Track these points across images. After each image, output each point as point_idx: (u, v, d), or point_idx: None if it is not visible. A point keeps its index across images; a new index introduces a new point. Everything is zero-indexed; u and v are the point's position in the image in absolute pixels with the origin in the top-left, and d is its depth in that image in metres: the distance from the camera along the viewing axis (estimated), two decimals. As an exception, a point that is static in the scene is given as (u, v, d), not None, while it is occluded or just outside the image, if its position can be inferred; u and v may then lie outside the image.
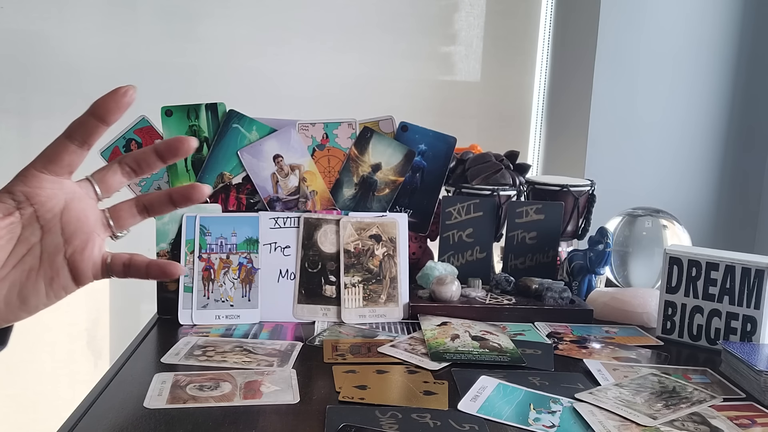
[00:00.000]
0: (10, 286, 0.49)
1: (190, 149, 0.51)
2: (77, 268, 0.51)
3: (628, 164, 1.71)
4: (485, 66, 1.98)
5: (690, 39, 1.69)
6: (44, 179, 0.50)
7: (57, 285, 0.51)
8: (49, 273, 0.50)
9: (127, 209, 0.54)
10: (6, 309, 0.50)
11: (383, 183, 1.13)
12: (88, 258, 0.51)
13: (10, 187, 0.50)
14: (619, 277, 1.25)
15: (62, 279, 0.51)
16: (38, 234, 0.50)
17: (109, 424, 0.66)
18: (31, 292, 0.50)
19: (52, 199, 0.50)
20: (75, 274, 0.51)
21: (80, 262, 0.51)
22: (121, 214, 0.54)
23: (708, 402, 0.77)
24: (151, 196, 0.54)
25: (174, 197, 0.53)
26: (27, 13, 1.80)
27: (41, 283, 0.50)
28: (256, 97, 1.87)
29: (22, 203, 0.49)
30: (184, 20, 1.85)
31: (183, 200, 0.53)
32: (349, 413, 0.70)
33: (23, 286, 0.50)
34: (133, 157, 0.53)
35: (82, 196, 0.52)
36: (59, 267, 0.50)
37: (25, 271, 0.50)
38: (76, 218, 0.51)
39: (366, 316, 1.01)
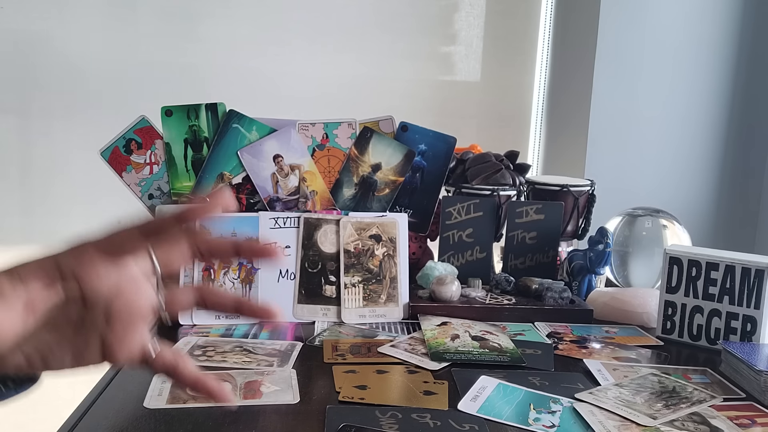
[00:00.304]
0: (36, 346, 0.46)
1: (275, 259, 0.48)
2: (111, 352, 0.46)
3: (628, 164, 1.71)
4: (485, 66, 1.98)
5: (690, 39, 1.69)
6: (100, 262, 0.44)
7: (83, 359, 0.47)
8: (80, 347, 0.46)
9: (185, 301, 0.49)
10: (26, 365, 0.46)
11: (383, 183, 1.13)
12: (126, 345, 0.46)
13: (60, 259, 0.45)
14: (619, 277, 1.25)
15: (91, 356, 0.47)
16: (80, 308, 0.45)
17: (109, 424, 0.66)
18: (56, 358, 0.46)
19: (102, 282, 0.45)
20: (107, 355, 0.47)
21: (116, 349, 0.46)
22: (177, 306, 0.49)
23: (708, 402, 0.77)
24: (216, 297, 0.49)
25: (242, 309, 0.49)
26: (27, 13, 1.80)
27: (68, 354, 0.46)
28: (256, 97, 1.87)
29: (68, 279, 0.44)
30: (184, 20, 1.85)
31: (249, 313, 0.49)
32: (349, 413, 0.70)
33: (49, 351, 0.46)
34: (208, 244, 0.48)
35: (138, 278, 0.46)
36: (91, 344, 0.46)
37: (55, 337, 0.46)
38: (124, 304, 0.46)
39: (366, 316, 1.01)
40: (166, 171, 1.08)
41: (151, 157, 1.08)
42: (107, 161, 1.07)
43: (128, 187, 1.08)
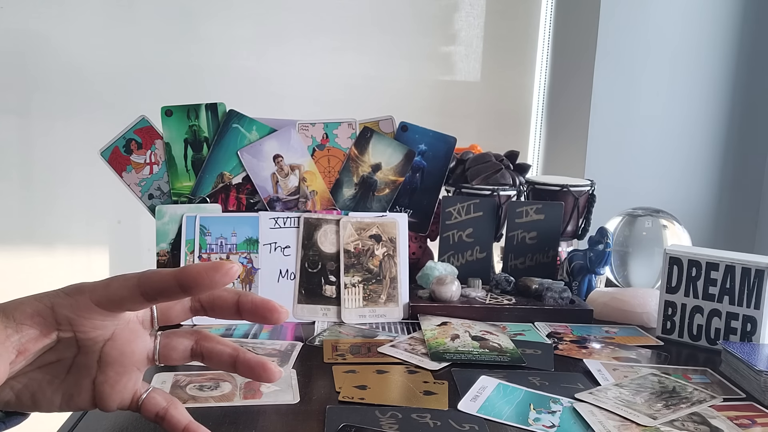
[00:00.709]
0: (26, 383, 0.45)
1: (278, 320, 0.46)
2: (103, 397, 0.46)
3: (628, 164, 1.71)
4: (485, 66, 1.98)
5: (690, 40, 1.69)
6: (96, 312, 0.43)
7: (73, 403, 0.46)
8: (70, 390, 0.46)
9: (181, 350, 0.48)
10: (15, 402, 0.46)
11: (383, 183, 1.13)
12: (118, 392, 0.46)
13: (56, 304, 0.43)
14: (619, 277, 1.25)
15: (82, 400, 0.46)
16: (74, 351, 0.45)
17: (109, 424, 0.66)
18: (45, 398, 0.46)
19: (98, 330, 0.44)
20: (99, 400, 0.47)
21: (108, 393, 0.46)
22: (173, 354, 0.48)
23: (708, 402, 0.77)
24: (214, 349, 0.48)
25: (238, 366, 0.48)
26: (27, 13, 1.80)
27: (59, 395, 0.46)
28: (256, 97, 1.87)
29: (63, 325, 0.44)
30: (184, 20, 1.86)
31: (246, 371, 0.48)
32: (349, 413, 0.70)
33: (39, 390, 0.45)
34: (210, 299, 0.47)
35: (135, 326, 0.46)
36: (83, 388, 0.46)
37: (46, 377, 0.45)
38: (119, 351, 0.45)
39: (366, 316, 1.01)
40: (166, 171, 1.08)
41: (151, 157, 1.08)
42: (107, 161, 1.07)
43: (128, 187, 1.08)
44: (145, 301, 0.42)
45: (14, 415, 0.49)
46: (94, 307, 0.43)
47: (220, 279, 0.41)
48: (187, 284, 0.41)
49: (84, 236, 1.91)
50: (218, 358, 0.47)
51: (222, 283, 0.41)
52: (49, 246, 1.87)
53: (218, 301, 0.47)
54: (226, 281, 0.41)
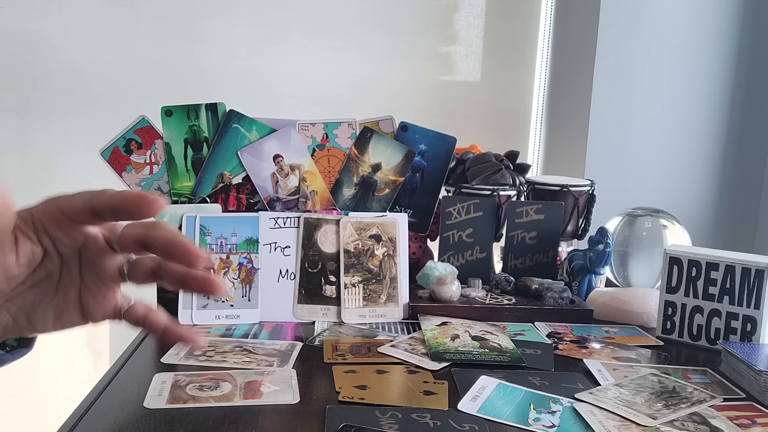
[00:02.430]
0: (21, 304, 0.49)
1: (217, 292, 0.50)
2: (87, 307, 0.51)
3: (628, 164, 1.71)
4: (485, 66, 1.98)
5: (690, 40, 1.69)
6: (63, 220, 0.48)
7: (65, 318, 0.51)
8: (61, 305, 0.50)
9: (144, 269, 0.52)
10: (13, 325, 0.50)
11: (383, 183, 1.13)
12: (99, 301, 0.51)
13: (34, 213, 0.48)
14: (619, 277, 1.25)
15: (71, 314, 0.51)
16: (57, 263, 0.50)
17: (109, 424, 0.66)
18: (40, 317, 0.50)
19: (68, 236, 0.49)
20: (84, 312, 0.51)
21: (91, 303, 0.51)
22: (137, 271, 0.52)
23: (708, 402, 0.77)
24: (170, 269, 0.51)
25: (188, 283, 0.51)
26: (27, 13, 1.80)
27: (50, 312, 0.50)
28: (256, 97, 1.87)
29: (40, 231, 0.48)
30: (184, 20, 1.85)
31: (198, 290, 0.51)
32: (349, 413, 0.70)
33: (33, 309, 0.50)
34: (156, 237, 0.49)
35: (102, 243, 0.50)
36: (70, 302, 0.50)
37: (39, 295, 0.50)
38: (92, 262, 0.50)
39: (366, 316, 1.01)
40: (166, 171, 1.08)
41: (151, 157, 1.08)
42: (107, 161, 1.07)
43: (128, 187, 1.08)
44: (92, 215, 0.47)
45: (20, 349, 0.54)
46: (62, 215, 0.47)
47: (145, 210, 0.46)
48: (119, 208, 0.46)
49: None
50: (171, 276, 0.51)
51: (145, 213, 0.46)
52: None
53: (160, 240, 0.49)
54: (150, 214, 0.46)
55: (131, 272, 0.52)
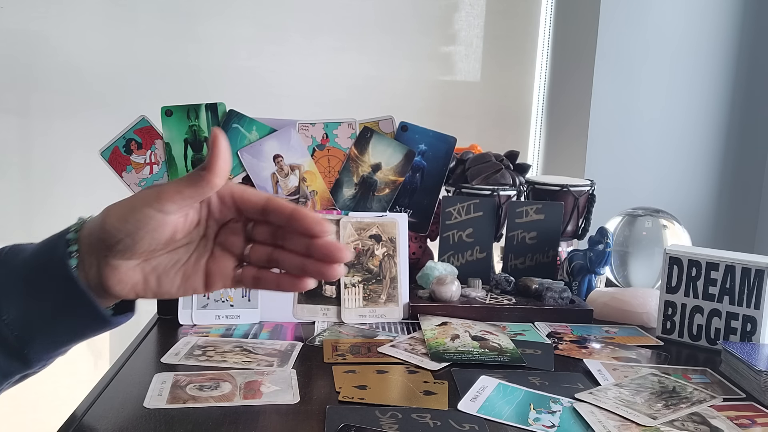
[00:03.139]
0: (156, 265, 0.54)
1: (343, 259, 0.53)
2: (211, 275, 0.56)
3: (628, 164, 1.71)
4: (485, 66, 1.98)
5: (690, 39, 1.69)
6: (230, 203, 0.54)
7: (189, 284, 0.55)
8: (189, 271, 0.55)
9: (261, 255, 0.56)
10: (142, 284, 0.54)
11: (383, 183, 1.13)
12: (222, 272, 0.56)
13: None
14: (619, 277, 1.25)
15: (196, 280, 0.56)
16: (201, 234, 0.55)
17: (109, 424, 0.66)
18: (169, 279, 0.55)
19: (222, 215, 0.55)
20: (208, 279, 0.56)
21: (215, 272, 0.56)
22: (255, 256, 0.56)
23: (708, 402, 0.77)
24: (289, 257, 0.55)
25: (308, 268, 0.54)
26: (27, 13, 1.80)
27: (179, 276, 0.55)
28: (256, 97, 1.87)
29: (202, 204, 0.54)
30: (184, 20, 1.85)
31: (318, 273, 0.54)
32: (349, 413, 0.70)
33: (165, 272, 0.54)
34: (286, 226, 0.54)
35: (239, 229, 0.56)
36: (198, 269, 0.55)
37: (173, 259, 0.55)
38: (226, 236, 0.55)
39: (366, 316, 1.01)
40: (166, 171, 1.08)
41: (151, 157, 1.08)
42: (107, 161, 1.07)
43: (128, 187, 1.08)
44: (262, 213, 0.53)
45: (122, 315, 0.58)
46: (230, 199, 0.54)
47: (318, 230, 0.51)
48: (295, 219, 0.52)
49: (84, 236, 1.90)
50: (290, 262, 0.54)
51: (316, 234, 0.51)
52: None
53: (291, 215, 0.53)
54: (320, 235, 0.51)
55: (251, 255, 0.56)
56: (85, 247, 0.53)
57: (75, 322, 0.55)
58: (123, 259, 0.52)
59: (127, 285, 0.53)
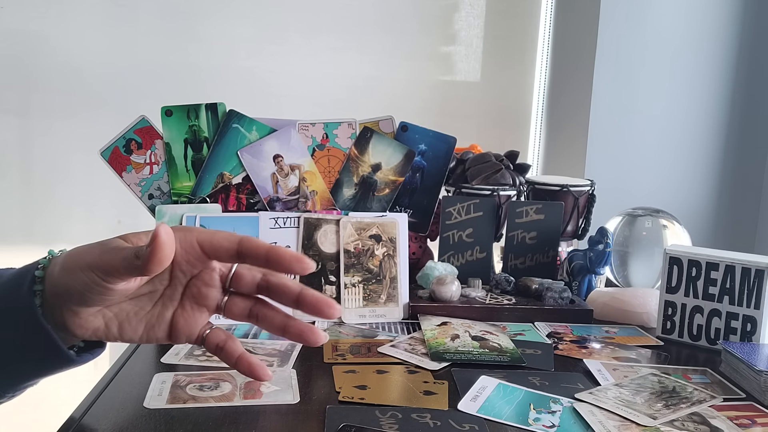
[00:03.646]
0: (117, 312, 0.52)
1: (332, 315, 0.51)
2: (176, 328, 0.53)
3: (628, 164, 1.71)
4: (485, 66, 1.98)
5: (690, 39, 1.69)
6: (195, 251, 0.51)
7: (152, 333, 0.53)
8: (153, 321, 0.53)
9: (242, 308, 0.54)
10: (104, 330, 0.52)
11: (383, 183, 1.13)
12: (190, 326, 0.54)
13: None
14: (619, 277, 1.25)
15: (159, 331, 0.53)
16: (165, 284, 0.53)
17: (109, 424, 0.66)
18: (131, 327, 0.53)
19: (190, 266, 0.52)
20: (172, 331, 0.54)
21: (181, 326, 0.53)
22: (235, 309, 0.54)
23: (708, 402, 0.77)
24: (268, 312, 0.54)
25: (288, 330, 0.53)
26: (27, 13, 1.80)
27: (142, 325, 0.53)
28: (256, 97, 1.87)
29: None
30: (184, 20, 1.85)
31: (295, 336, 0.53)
32: (349, 413, 0.70)
33: (127, 320, 0.52)
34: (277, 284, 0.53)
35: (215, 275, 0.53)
36: (163, 320, 0.53)
37: (136, 308, 0.53)
38: (198, 289, 0.53)
39: (366, 316, 1.01)
40: (166, 171, 1.08)
41: (151, 157, 1.08)
42: (107, 161, 1.07)
43: (128, 187, 1.08)
44: (236, 257, 0.50)
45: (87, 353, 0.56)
46: (196, 246, 0.50)
47: (298, 269, 0.49)
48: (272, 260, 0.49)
49: (84, 236, 1.89)
50: (270, 321, 0.54)
51: (297, 272, 0.49)
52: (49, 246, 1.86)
53: (283, 288, 0.52)
54: (300, 272, 0.49)
55: (228, 308, 0.54)
56: (49, 287, 0.52)
57: (41, 358, 0.54)
58: (82, 306, 0.51)
59: (88, 330, 0.52)
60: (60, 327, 0.52)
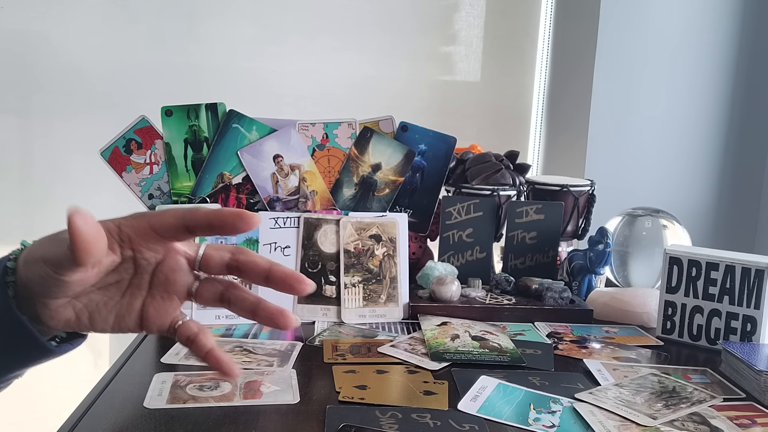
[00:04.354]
0: (87, 303, 0.52)
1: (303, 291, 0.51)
2: (147, 318, 0.53)
3: (628, 164, 1.71)
4: (485, 66, 1.98)
5: (690, 40, 1.69)
6: (152, 235, 0.51)
7: (124, 323, 0.53)
8: (123, 311, 0.52)
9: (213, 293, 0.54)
10: (75, 321, 0.52)
11: (383, 183, 1.13)
12: (160, 314, 0.53)
13: (121, 225, 0.51)
14: (619, 277, 1.25)
15: (130, 321, 0.53)
16: (131, 272, 0.52)
17: (109, 424, 0.66)
18: (101, 318, 0.52)
19: (152, 252, 0.51)
20: (143, 321, 0.53)
21: (152, 314, 0.53)
22: (206, 294, 0.54)
23: (708, 402, 0.77)
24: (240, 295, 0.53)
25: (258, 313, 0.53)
26: (27, 13, 1.80)
27: (112, 315, 0.52)
28: (256, 97, 1.87)
29: (125, 243, 0.51)
30: (185, 20, 1.85)
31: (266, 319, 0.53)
32: (349, 413, 0.70)
33: (97, 310, 0.52)
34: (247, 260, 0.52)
35: (181, 258, 0.53)
36: (133, 309, 0.52)
37: (105, 298, 0.52)
38: (166, 276, 0.52)
39: (366, 316, 1.01)
40: (166, 171, 1.08)
41: (151, 157, 1.08)
42: (107, 161, 1.07)
43: (128, 187, 1.08)
44: (187, 232, 0.50)
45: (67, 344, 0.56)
46: (150, 231, 0.50)
47: (242, 226, 0.48)
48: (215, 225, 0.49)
49: (84, 236, 1.90)
50: (241, 304, 0.53)
51: (242, 229, 0.49)
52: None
53: (252, 265, 0.52)
54: (246, 229, 0.49)
55: (199, 293, 0.53)
56: (19, 279, 0.51)
57: (19, 350, 0.54)
58: (47, 298, 0.50)
59: (60, 321, 0.52)
60: (35, 318, 0.52)
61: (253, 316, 0.53)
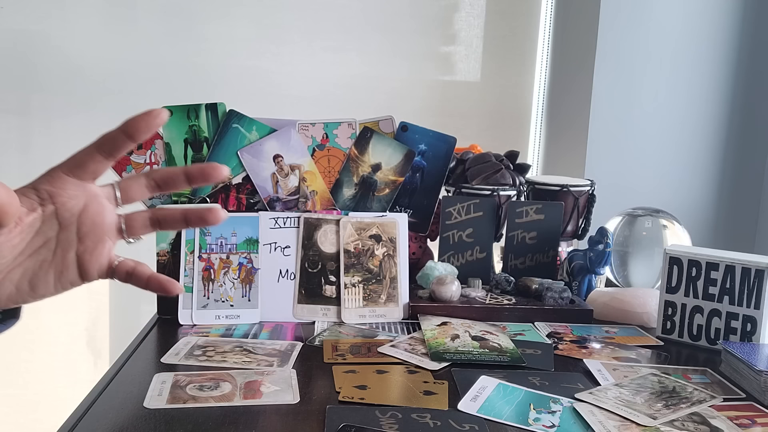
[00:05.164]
0: (23, 272, 0.52)
1: (222, 177, 0.53)
2: (85, 266, 0.53)
3: (628, 164, 1.71)
4: (485, 66, 1.98)
5: (690, 40, 1.69)
6: (68, 181, 0.52)
7: (65, 278, 0.53)
8: (60, 266, 0.53)
9: (141, 220, 0.56)
10: (16, 293, 0.53)
11: (383, 183, 1.13)
12: (96, 258, 0.54)
13: (36, 184, 0.52)
14: (619, 277, 1.25)
15: (70, 274, 0.53)
16: (55, 229, 0.53)
17: (109, 424, 0.66)
18: (41, 281, 0.53)
19: (72, 200, 0.53)
20: (82, 271, 0.54)
21: (88, 261, 0.53)
22: (135, 224, 0.55)
23: (708, 402, 0.77)
24: (167, 212, 0.55)
25: (189, 217, 0.55)
26: (27, 13, 1.80)
27: (51, 275, 0.53)
28: (256, 97, 1.87)
29: (45, 200, 0.52)
30: (184, 20, 1.85)
31: (198, 221, 0.55)
32: (349, 413, 0.70)
33: (35, 275, 0.53)
34: (161, 174, 0.54)
35: (102, 199, 0.54)
36: (69, 262, 0.53)
37: (38, 262, 0.53)
38: (92, 220, 0.53)
39: (366, 316, 1.01)
40: (166, 171, 1.08)
41: (151, 157, 1.08)
42: (107, 161, 1.07)
43: (128, 187, 1.08)
44: (104, 157, 0.52)
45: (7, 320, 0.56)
46: (65, 177, 0.52)
47: (152, 121, 0.51)
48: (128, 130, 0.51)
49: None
50: (172, 217, 0.55)
51: (155, 124, 0.51)
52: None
53: (169, 174, 0.54)
54: (158, 123, 0.51)
55: (129, 227, 0.55)
56: None
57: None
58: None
59: (2, 298, 0.53)
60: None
61: (186, 225, 0.55)
